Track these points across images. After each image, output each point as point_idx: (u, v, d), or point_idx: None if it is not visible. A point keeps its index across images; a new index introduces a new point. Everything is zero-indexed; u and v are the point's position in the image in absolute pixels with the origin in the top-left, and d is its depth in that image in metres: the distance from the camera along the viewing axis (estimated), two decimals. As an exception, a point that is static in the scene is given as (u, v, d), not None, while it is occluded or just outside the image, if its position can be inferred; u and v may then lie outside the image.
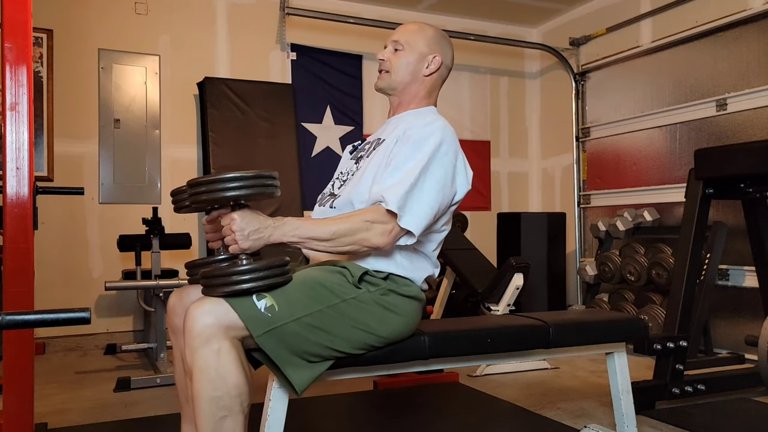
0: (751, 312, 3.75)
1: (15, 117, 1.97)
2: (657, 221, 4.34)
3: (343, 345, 1.53)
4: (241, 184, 1.40)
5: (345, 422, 2.66)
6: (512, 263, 3.37)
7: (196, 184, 1.43)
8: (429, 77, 1.83)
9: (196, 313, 1.39)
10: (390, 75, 1.81)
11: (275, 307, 1.43)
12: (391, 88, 1.83)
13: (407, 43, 1.81)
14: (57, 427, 2.48)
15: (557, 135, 5.53)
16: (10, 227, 1.94)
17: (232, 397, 1.38)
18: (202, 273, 1.47)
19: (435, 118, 1.74)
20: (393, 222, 1.56)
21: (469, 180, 1.73)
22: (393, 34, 1.85)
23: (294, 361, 1.47)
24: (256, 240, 1.45)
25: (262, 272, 1.42)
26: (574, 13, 5.29)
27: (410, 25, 1.88)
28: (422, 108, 1.84)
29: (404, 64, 1.80)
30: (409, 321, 1.64)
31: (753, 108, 3.84)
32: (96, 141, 4.31)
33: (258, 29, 4.77)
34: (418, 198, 1.58)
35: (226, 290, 1.40)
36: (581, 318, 2.04)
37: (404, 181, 1.57)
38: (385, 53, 1.83)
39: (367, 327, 1.55)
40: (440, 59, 1.84)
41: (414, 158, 1.61)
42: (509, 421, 2.63)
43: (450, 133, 1.69)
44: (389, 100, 1.88)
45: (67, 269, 4.18)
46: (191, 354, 1.38)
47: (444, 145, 1.65)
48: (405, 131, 1.69)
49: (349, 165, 1.84)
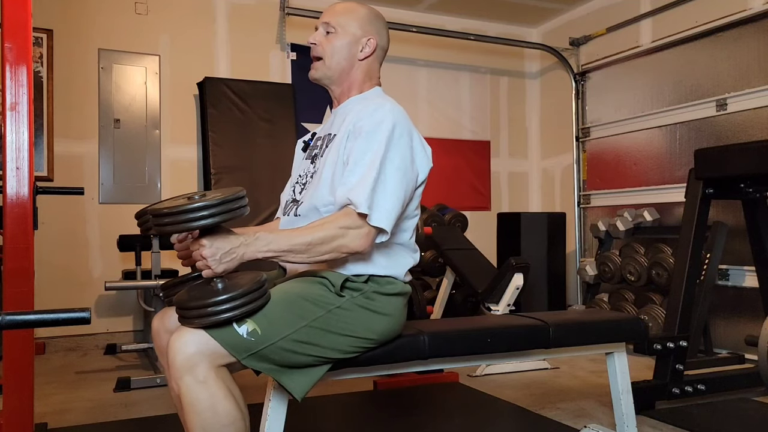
0: (751, 312, 3.75)
1: (15, 117, 1.97)
2: (657, 221, 4.34)
3: (335, 353, 1.51)
4: (206, 213, 1.32)
5: (345, 422, 2.66)
6: (512, 263, 3.37)
7: (159, 215, 1.35)
8: (365, 61, 1.75)
9: (177, 345, 1.35)
10: (324, 62, 1.73)
11: (258, 330, 1.39)
12: (327, 77, 1.74)
13: (339, 25, 1.72)
14: (57, 427, 2.48)
15: (557, 135, 5.53)
16: (10, 227, 1.94)
17: (225, 426, 1.35)
18: (176, 302, 1.41)
19: (381, 102, 1.65)
20: (366, 224, 1.51)
21: (429, 157, 1.67)
22: (323, 16, 1.75)
23: (288, 371, 1.45)
24: (230, 262, 1.38)
25: (239, 300, 1.35)
26: (574, 13, 5.29)
27: (342, 6, 1.77)
28: (365, 92, 1.77)
29: (338, 49, 1.71)
30: (396, 319, 1.62)
31: (753, 108, 3.84)
32: (96, 141, 4.31)
33: (258, 29, 4.77)
34: (383, 192, 1.52)
35: (204, 322, 1.34)
36: (581, 318, 2.04)
37: (366, 177, 1.51)
38: (317, 37, 1.74)
39: (356, 333, 1.53)
40: (375, 41, 1.75)
41: (370, 150, 1.55)
42: (509, 421, 2.63)
43: (400, 114, 1.62)
44: (330, 92, 1.80)
45: (67, 269, 4.18)
46: (177, 386, 1.35)
47: (397, 129, 1.58)
48: (355, 124, 1.61)
49: (305, 166, 1.78)
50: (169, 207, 1.35)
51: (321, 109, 4.88)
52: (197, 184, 4.54)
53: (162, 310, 1.70)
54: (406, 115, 1.65)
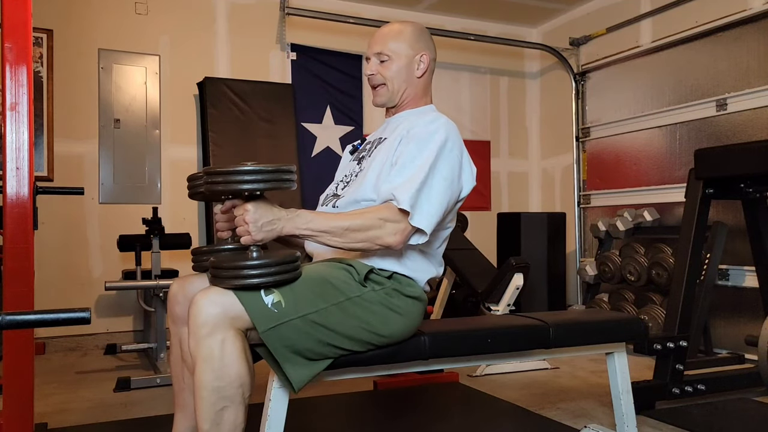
0: (751, 312, 3.75)
1: (15, 117, 1.97)
2: (657, 221, 4.34)
3: (345, 342, 1.53)
4: (258, 178, 1.39)
5: (345, 422, 2.66)
6: (512, 263, 3.37)
7: (213, 173, 1.42)
8: (422, 77, 1.82)
9: (202, 303, 1.38)
10: (386, 88, 1.79)
11: (282, 303, 1.43)
12: (391, 100, 1.81)
13: (391, 51, 1.77)
14: (57, 427, 2.48)
15: (557, 135, 5.53)
16: (10, 227, 1.94)
17: (234, 387, 1.38)
18: (212, 262, 1.45)
19: (437, 116, 1.74)
20: (405, 221, 1.55)
21: (474, 176, 1.73)
22: (372, 46, 1.80)
23: (294, 358, 1.47)
24: (269, 231, 1.44)
25: (273, 267, 1.41)
26: (574, 13, 5.29)
27: (387, 30, 1.82)
28: (421, 107, 1.84)
29: (396, 73, 1.77)
30: (411, 322, 1.65)
31: (753, 108, 3.84)
32: (96, 141, 4.31)
33: (258, 29, 4.77)
34: (428, 196, 1.57)
35: (236, 283, 1.39)
36: (581, 318, 2.04)
37: (414, 179, 1.57)
38: (372, 67, 1.80)
39: (370, 326, 1.55)
40: (428, 56, 1.81)
41: (421, 156, 1.60)
42: (509, 421, 2.63)
43: (454, 130, 1.69)
44: (387, 107, 1.86)
45: (67, 269, 4.18)
46: (195, 343, 1.38)
47: (449, 142, 1.65)
48: (409, 130, 1.68)
49: (352, 166, 1.84)
50: (224, 167, 1.41)
51: (321, 109, 4.88)
52: (197, 184, 4.53)
53: (183, 276, 1.74)
54: (458, 133, 1.73)
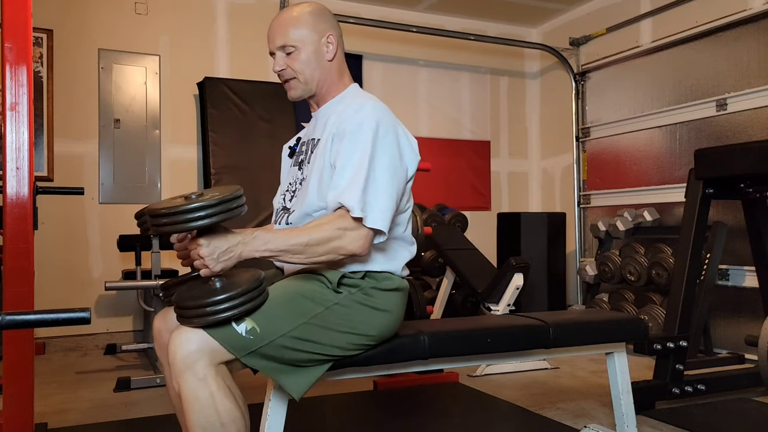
0: (751, 312, 3.75)
1: (15, 117, 1.97)
2: (657, 221, 4.34)
3: (335, 350, 1.51)
4: (204, 214, 1.32)
5: (345, 422, 2.65)
6: (512, 263, 3.37)
7: (157, 215, 1.34)
8: (334, 60, 1.70)
9: (177, 342, 1.35)
10: (298, 80, 1.68)
11: (256, 329, 1.39)
12: (307, 91, 1.71)
13: (295, 40, 1.65)
14: (57, 427, 2.48)
15: (557, 135, 5.53)
16: (10, 227, 1.94)
17: (225, 424, 1.36)
18: (175, 301, 1.41)
19: (362, 102, 1.62)
20: (362, 226, 1.49)
21: (416, 150, 1.65)
22: (273, 39, 1.67)
23: (287, 369, 1.45)
24: (227, 261, 1.38)
25: (238, 299, 1.36)
26: (574, 13, 5.29)
27: (283, 19, 1.68)
28: (342, 92, 1.73)
29: (305, 63, 1.66)
30: (395, 315, 1.62)
31: (753, 108, 3.84)
32: (96, 141, 4.31)
33: (258, 29, 4.76)
34: (374, 192, 1.50)
35: (203, 322, 1.35)
36: (581, 318, 2.04)
37: (356, 179, 1.50)
38: (279, 62, 1.68)
39: (355, 329, 1.53)
40: (334, 36, 1.69)
41: (357, 150, 1.53)
42: (509, 421, 2.63)
43: (382, 111, 1.60)
44: (308, 100, 1.77)
45: (67, 269, 4.18)
46: (177, 384, 1.35)
47: (381, 127, 1.56)
48: (338, 126, 1.59)
49: (294, 173, 1.76)
50: (167, 207, 1.34)
51: (321, 109, 4.88)
52: (197, 184, 4.54)
53: (163, 309, 1.70)
54: (389, 110, 1.63)
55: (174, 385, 1.38)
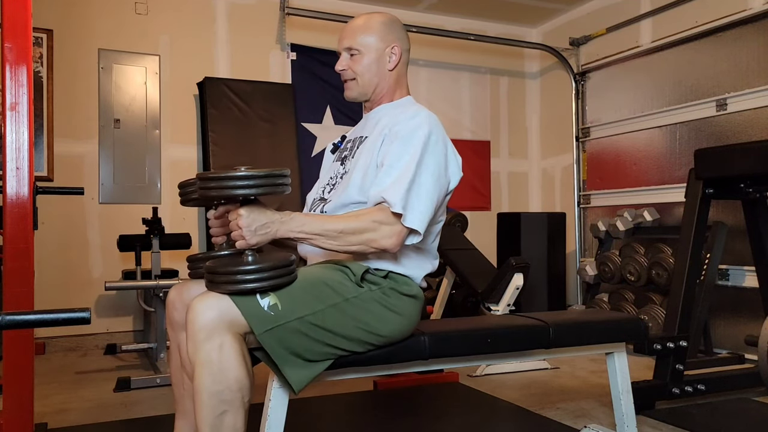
0: (751, 312, 3.75)
1: (15, 117, 1.97)
2: (657, 221, 4.34)
3: (344, 343, 1.53)
4: (251, 183, 1.39)
5: (345, 422, 2.66)
6: (512, 263, 3.37)
7: (206, 178, 1.42)
8: (394, 70, 1.79)
9: (199, 308, 1.38)
10: (357, 82, 1.78)
11: (278, 305, 1.43)
12: (363, 94, 1.79)
13: (360, 45, 1.75)
14: (57, 427, 2.48)
15: (557, 135, 5.53)
16: (10, 227, 1.94)
17: (233, 391, 1.38)
18: (207, 267, 1.45)
19: (417, 110, 1.71)
20: (399, 223, 1.55)
21: (460, 166, 1.72)
22: (342, 40, 1.78)
23: (293, 360, 1.47)
24: (264, 235, 1.44)
25: (267, 272, 1.41)
26: (574, 13, 5.29)
27: (356, 24, 1.79)
28: (398, 100, 1.81)
29: (366, 67, 1.75)
30: (409, 321, 1.64)
31: (753, 108, 3.84)
32: (96, 141, 4.31)
33: (258, 29, 4.77)
34: (418, 194, 1.56)
35: (231, 288, 1.40)
36: (581, 318, 2.04)
37: (402, 179, 1.55)
38: (343, 63, 1.78)
39: (368, 326, 1.55)
40: (399, 48, 1.78)
41: (407, 153, 1.59)
42: (509, 421, 2.64)
43: (435, 122, 1.67)
44: (363, 102, 1.85)
45: (67, 269, 4.18)
46: (193, 348, 1.38)
47: (433, 136, 1.63)
48: (391, 128, 1.66)
49: (336, 168, 1.81)
50: (218, 173, 1.41)
51: (321, 109, 4.89)
52: (197, 184, 4.54)
53: (180, 283, 1.74)
54: (440, 123, 1.70)
55: (189, 349, 1.39)
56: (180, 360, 1.64)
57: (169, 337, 1.73)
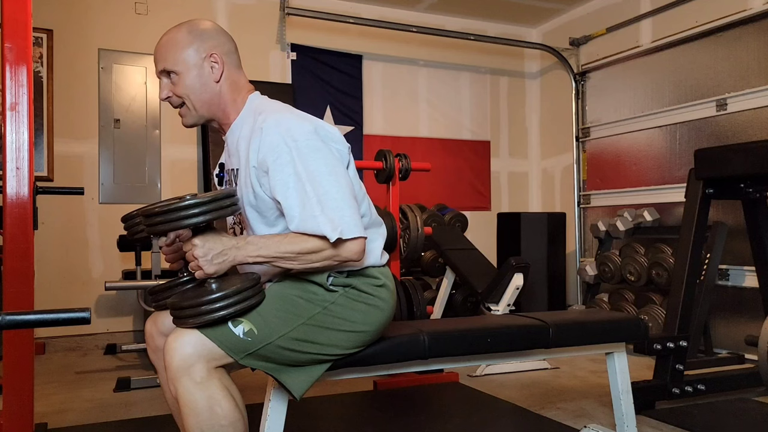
0: (751, 312, 3.75)
1: (15, 117, 1.97)
2: (657, 221, 4.34)
3: (334, 350, 1.51)
4: (198, 211, 1.32)
5: (345, 422, 2.65)
6: (512, 263, 3.37)
7: (150, 214, 1.34)
8: (221, 80, 1.58)
9: (174, 346, 1.35)
10: (187, 107, 1.59)
11: (254, 330, 1.39)
12: (201, 117, 1.61)
13: (176, 64, 1.55)
14: (57, 427, 2.48)
15: (557, 135, 5.53)
16: (10, 227, 1.94)
17: (223, 426, 1.35)
18: (171, 304, 1.40)
19: (263, 119, 1.51)
20: (345, 242, 1.44)
21: (337, 134, 1.57)
22: (156, 64, 1.59)
23: (287, 369, 1.45)
24: (221, 264, 1.38)
25: (233, 297, 1.35)
26: (574, 13, 5.29)
27: (163, 42, 1.59)
28: (244, 108, 1.61)
29: (190, 88, 1.56)
30: (389, 306, 1.60)
31: (753, 108, 3.84)
32: (96, 141, 4.31)
33: (258, 29, 4.76)
34: (332, 206, 1.43)
35: (199, 321, 1.34)
36: (581, 318, 2.04)
37: (308, 205, 1.42)
38: (164, 90, 1.59)
39: (353, 327, 1.52)
40: (217, 55, 1.58)
41: (289, 177, 1.44)
42: (509, 421, 2.63)
43: (287, 121, 1.49)
44: (210, 125, 1.67)
45: (67, 269, 4.18)
46: (174, 388, 1.35)
47: (291, 140, 1.45)
48: (255, 159, 1.49)
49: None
50: (161, 206, 1.34)
51: (321, 109, 4.89)
52: (197, 184, 4.54)
53: (154, 314, 1.69)
54: (293, 112, 1.55)
55: (171, 389, 1.36)
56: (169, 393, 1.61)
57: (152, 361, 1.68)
